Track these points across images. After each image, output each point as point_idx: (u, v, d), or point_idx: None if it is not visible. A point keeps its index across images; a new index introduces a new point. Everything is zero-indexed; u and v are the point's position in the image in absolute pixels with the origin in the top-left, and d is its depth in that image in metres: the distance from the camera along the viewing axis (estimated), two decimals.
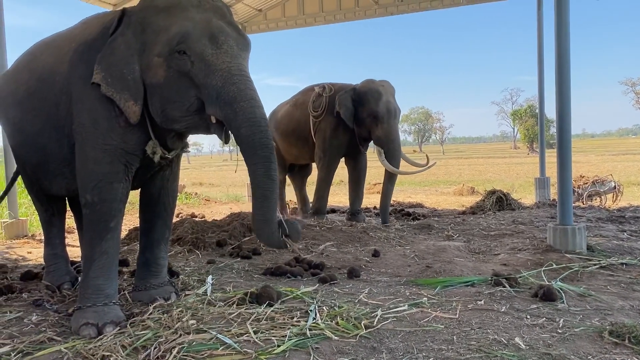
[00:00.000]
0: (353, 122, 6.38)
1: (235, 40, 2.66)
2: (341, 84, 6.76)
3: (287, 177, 7.96)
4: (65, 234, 3.82)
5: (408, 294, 3.21)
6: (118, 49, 2.67)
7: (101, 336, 2.48)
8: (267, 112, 7.97)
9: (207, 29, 2.60)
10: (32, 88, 2.99)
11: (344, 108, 6.32)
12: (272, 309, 2.79)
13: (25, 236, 6.19)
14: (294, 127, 7.00)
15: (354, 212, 6.74)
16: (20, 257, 4.92)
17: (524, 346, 2.31)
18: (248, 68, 2.71)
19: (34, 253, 5.09)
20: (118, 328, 2.56)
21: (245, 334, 2.45)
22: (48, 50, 3.06)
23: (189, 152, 3.19)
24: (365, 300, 3.07)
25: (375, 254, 4.46)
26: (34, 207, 3.98)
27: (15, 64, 3.36)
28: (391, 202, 9.57)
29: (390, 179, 6.52)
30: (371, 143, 6.78)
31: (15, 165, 3.76)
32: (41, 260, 4.02)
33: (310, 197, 7.25)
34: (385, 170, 6.43)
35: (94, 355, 2.26)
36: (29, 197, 3.95)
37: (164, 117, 2.68)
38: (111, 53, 2.67)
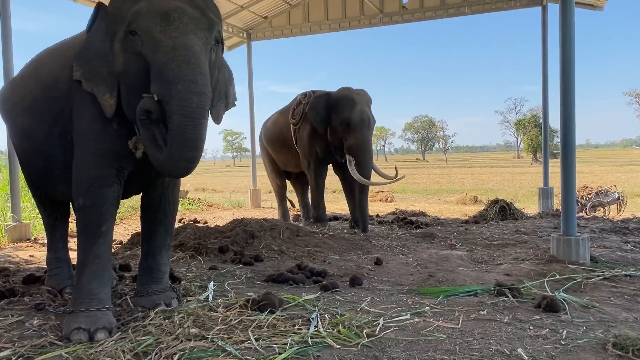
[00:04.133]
0: (325, 128, 6.37)
1: (193, 18, 2.46)
2: (324, 91, 6.75)
3: (287, 183, 8.00)
4: (69, 238, 3.83)
5: (410, 302, 3.20)
6: (93, 43, 2.66)
7: (102, 341, 2.47)
8: (264, 118, 8.05)
9: (160, 8, 2.44)
10: (38, 95, 3.02)
11: (313, 112, 6.36)
12: (273, 316, 2.78)
13: (28, 239, 6.19)
14: (277, 134, 7.28)
15: (356, 220, 6.73)
16: (23, 261, 4.92)
17: (526, 357, 2.29)
18: (206, 48, 2.50)
19: (36, 257, 5.09)
20: (109, 334, 2.54)
21: (247, 341, 2.44)
22: (53, 58, 3.09)
23: None
24: (367, 308, 3.06)
25: (378, 262, 4.45)
26: (37, 211, 3.99)
27: (22, 72, 3.38)
28: (393, 210, 9.66)
29: (362, 191, 6.42)
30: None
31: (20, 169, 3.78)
32: (44, 264, 4.02)
33: None
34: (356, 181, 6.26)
35: None
36: (33, 201, 3.95)
37: (128, 109, 2.57)
38: (87, 48, 2.66)
